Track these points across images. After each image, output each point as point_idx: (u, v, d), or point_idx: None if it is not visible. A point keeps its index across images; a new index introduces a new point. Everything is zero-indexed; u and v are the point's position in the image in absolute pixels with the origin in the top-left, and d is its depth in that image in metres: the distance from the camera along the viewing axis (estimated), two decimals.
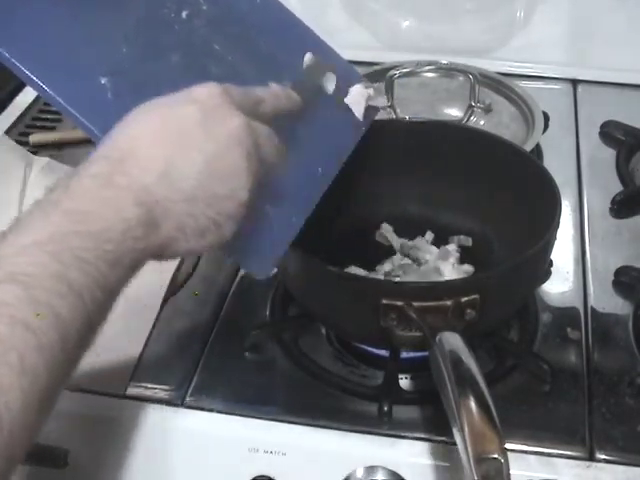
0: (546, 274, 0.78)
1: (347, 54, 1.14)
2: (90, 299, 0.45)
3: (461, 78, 0.99)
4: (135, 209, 0.48)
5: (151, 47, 0.63)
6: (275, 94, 0.61)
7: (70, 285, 0.44)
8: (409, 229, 0.81)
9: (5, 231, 0.47)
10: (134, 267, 0.49)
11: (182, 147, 0.51)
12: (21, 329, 0.42)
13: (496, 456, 0.50)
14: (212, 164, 0.52)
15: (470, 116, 0.97)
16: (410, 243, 0.80)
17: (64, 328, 0.44)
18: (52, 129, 1.03)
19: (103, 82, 0.58)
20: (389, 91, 0.97)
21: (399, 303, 0.62)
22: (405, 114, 0.97)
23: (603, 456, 0.64)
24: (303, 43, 0.73)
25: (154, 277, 0.78)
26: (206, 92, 0.54)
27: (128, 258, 0.48)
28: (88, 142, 1.01)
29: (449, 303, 0.62)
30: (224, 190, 0.52)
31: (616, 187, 0.91)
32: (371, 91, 0.75)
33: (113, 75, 0.59)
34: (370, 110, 0.75)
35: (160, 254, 0.51)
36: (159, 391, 0.69)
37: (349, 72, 0.77)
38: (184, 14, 0.65)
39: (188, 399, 0.69)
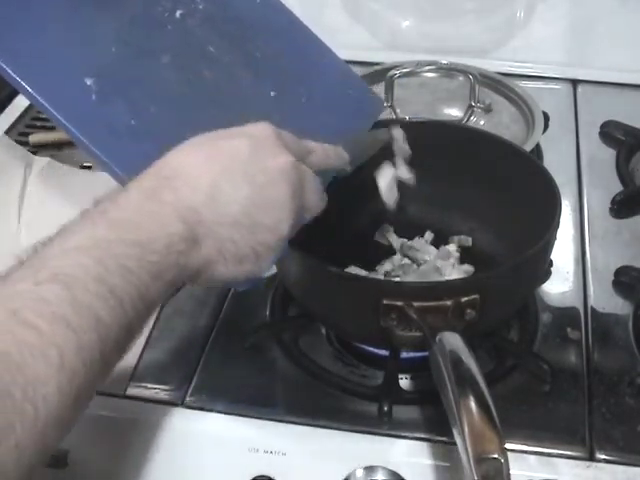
0: (546, 274, 0.78)
1: (347, 54, 1.14)
2: (131, 306, 0.46)
3: (461, 78, 0.99)
4: (179, 225, 0.49)
5: (141, 47, 0.61)
6: (325, 150, 0.62)
7: (112, 290, 0.45)
8: (409, 229, 0.81)
9: (51, 236, 0.48)
10: (173, 284, 0.50)
11: (231, 173, 0.52)
12: (62, 327, 0.42)
13: (496, 456, 0.50)
14: (258, 194, 0.53)
15: (470, 116, 0.97)
16: (410, 243, 0.80)
17: (104, 331, 0.44)
18: (52, 129, 1.03)
19: (89, 83, 0.58)
20: (389, 91, 0.97)
21: (399, 303, 0.62)
22: (405, 114, 0.97)
23: (603, 456, 0.64)
24: (304, 46, 0.73)
25: None
26: (259, 129, 0.55)
27: (170, 273, 0.49)
28: None
29: (449, 303, 0.62)
30: (267, 221, 0.53)
31: (616, 187, 0.91)
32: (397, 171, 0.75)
33: (99, 76, 0.58)
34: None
35: (197, 276, 0.52)
36: (159, 391, 0.69)
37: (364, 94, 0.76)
38: (178, 13, 0.64)
39: (188, 399, 0.69)
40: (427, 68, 1.01)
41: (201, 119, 0.60)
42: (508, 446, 0.52)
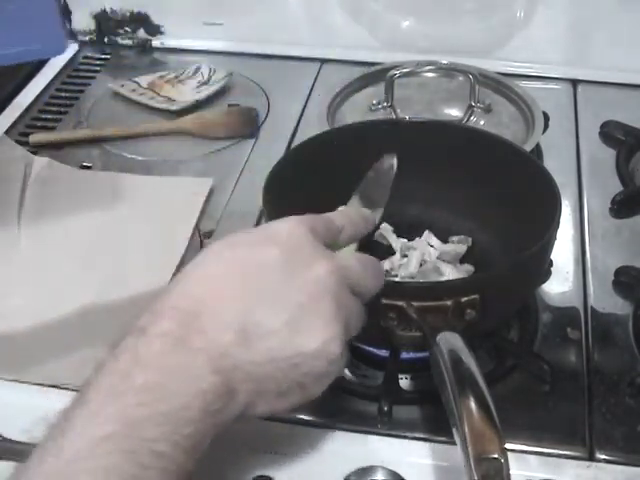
0: (546, 274, 0.78)
1: (347, 54, 1.14)
2: None
3: (461, 78, 0.99)
4: (212, 377, 0.43)
5: None
6: (353, 221, 0.56)
7: None
8: (409, 229, 0.81)
9: (69, 411, 0.42)
10: (207, 444, 0.45)
11: (262, 298, 0.45)
12: None
13: (496, 456, 0.50)
14: (297, 318, 0.46)
15: (470, 116, 0.97)
16: (410, 243, 0.80)
17: None
18: (52, 129, 1.04)
19: None
20: (389, 91, 0.97)
21: (399, 303, 0.62)
22: (405, 114, 0.97)
23: (603, 456, 0.64)
24: None
25: (154, 277, 0.78)
26: (287, 231, 0.48)
27: (207, 438, 0.44)
28: (88, 142, 1.02)
29: (449, 303, 0.62)
30: (312, 347, 0.46)
31: (616, 187, 0.91)
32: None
33: None
34: None
35: (234, 423, 0.47)
36: None
37: None
38: None
39: None
40: (427, 68, 1.01)
41: None
42: (508, 446, 0.51)
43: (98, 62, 1.18)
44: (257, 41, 1.16)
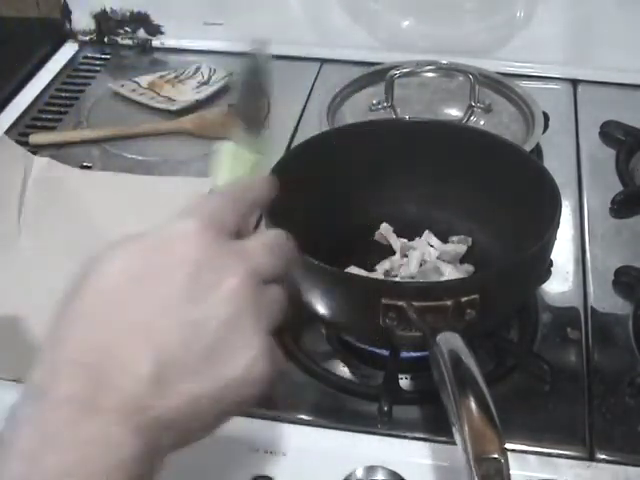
0: (546, 274, 0.78)
1: (347, 54, 1.14)
2: None
3: (461, 78, 0.99)
4: (132, 441, 0.38)
5: None
6: (260, 185, 0.49)
7: None
8: (409, 229, 0.81)
9: None
10: None
11: (172, 331, 0.39)
12: None
13: (496, 456, 0.50)
14: (214, 346, 0.40)
15: (470, 116, 0.97)
16: (410, 243, 0.80)
17: None
18: (52, 129, 1.04)
19: None
20: (389, 91, 0.97)
21: (399, 303, 0.62)
22: (405, 114, 0.97)
23: (603, 456, 0.64)
24: None
25: None
26: (192, 240, 0.41)
27: None
28: (88, 142, 1.02)
29: (449, 303, 0.62)
30: (234, 375, 0.41)
31: (616, 187, 0.91)
32: None
33: None
34: None
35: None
36: None
37: None
38: None
39: None
40: (427, 68, 1.01)
41: None
42: (508, 446, 0.51)
43: (98, 62, 1.18)
44: None
